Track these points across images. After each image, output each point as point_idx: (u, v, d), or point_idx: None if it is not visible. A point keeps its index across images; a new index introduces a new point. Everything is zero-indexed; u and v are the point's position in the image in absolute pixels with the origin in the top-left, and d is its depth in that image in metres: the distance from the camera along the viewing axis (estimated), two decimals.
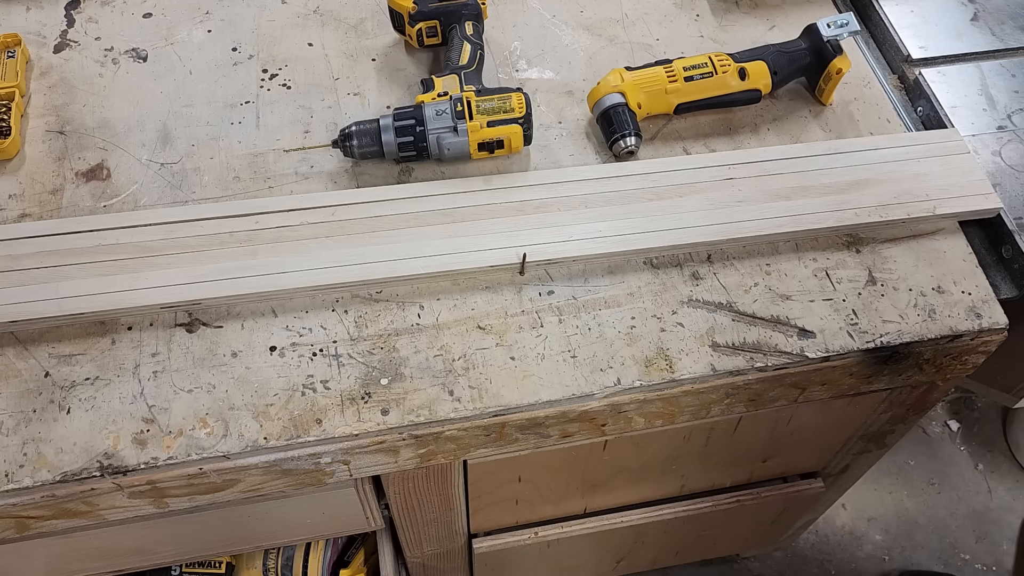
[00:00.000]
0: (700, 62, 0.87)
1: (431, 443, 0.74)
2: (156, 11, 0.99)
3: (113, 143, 0.87)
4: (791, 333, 0.77)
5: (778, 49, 0.90)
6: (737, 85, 0.88)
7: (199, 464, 0.70)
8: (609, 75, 0.87)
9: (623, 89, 0.86)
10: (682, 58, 0.88)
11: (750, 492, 1.14)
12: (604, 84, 0.87)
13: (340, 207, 0.81)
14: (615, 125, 0.85)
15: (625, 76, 0.87)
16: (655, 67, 0.87)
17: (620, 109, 0.85)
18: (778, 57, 0.89)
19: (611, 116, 0.85)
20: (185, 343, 0.75)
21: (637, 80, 0.86)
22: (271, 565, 1.11)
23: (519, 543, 1.11)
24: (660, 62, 0.88)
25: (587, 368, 0.75)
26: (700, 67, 0.87)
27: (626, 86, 0.86)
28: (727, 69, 0.87)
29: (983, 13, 1.01)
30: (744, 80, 0.88)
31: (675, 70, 0.87)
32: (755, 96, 0.90)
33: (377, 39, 0.97)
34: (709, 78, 0.87)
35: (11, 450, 0.69)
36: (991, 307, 0.80)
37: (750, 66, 0.88)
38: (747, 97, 0.89)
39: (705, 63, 0.87)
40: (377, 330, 0.76)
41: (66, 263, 0.76)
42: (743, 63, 0.88)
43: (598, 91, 0.87)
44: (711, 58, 0.88)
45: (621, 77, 0.86)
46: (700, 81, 0.87)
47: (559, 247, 0.79)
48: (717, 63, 0.87)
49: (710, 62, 0.87)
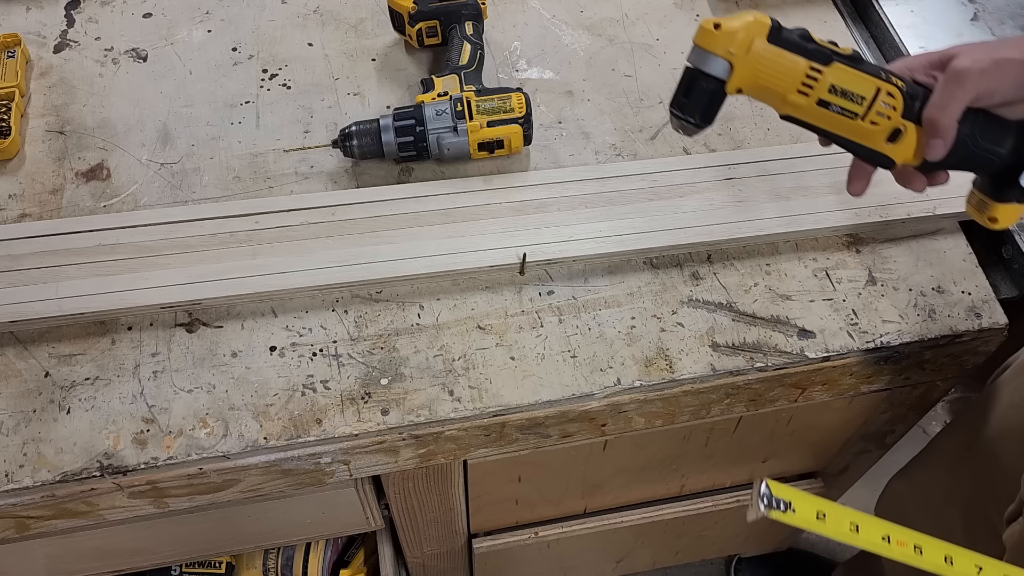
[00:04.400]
0: (860, 91, 0.59)
1: (431, 443, 0.74)
2: (156, 11, 0.99)
3: (113, 143, 0.87)
4: (791, 333, 0.77)
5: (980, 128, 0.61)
6: (876, 144, 0.62)
7: (199, 464, 0.70)
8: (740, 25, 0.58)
9: (738, 60, 0.58)
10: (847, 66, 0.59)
11: (750, 492, 1.14)
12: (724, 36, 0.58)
13: (340, 207, 0.81)
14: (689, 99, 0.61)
15: (756, 44, 0.58)
16: (801, 58, 0.59)
17: (713, 85, 0.59)
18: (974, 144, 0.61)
19: (694, 84, 0.60)
20: (185, 343, 0.75)
21: (764, 62, 0.59)
22: (271, 565, 1.11)
23: (519, 543, 1.11)
24: (815, 53, 0.59)
25: (587, 368, 0.75)
26: (853, 98, 0.60)
27: (745, 59, 0.58)
28: (879, 122, 0.60)
29: (983, 13, 1.01)
30: (889, 143, 0.62)
31: (818, 83, 0.59)
32: (886, 163, 0.64)
33: (377, 39, 0.97)
34: (849, 119, 0.61)
35: (11, 450, 0.69)
36: (991, 307, 0.80)
37: (911, 131, 0.61)
38: (872, 157, 0.63)
39: (863, 97, 0.60)
40: (377, 330, 0.76)
41: (66, 263, 0.76)
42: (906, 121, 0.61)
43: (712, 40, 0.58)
44: (880, 88, 0.60)
45: (751, 42, 0.58)
46: (834, 115, 0.61)
47: (559, 247, 0.79)
48: (878, 106, 0.60)
49: (871, 99, 0.60)
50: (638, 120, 0.91)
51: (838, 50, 0.59)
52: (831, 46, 0.60)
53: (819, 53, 0.59)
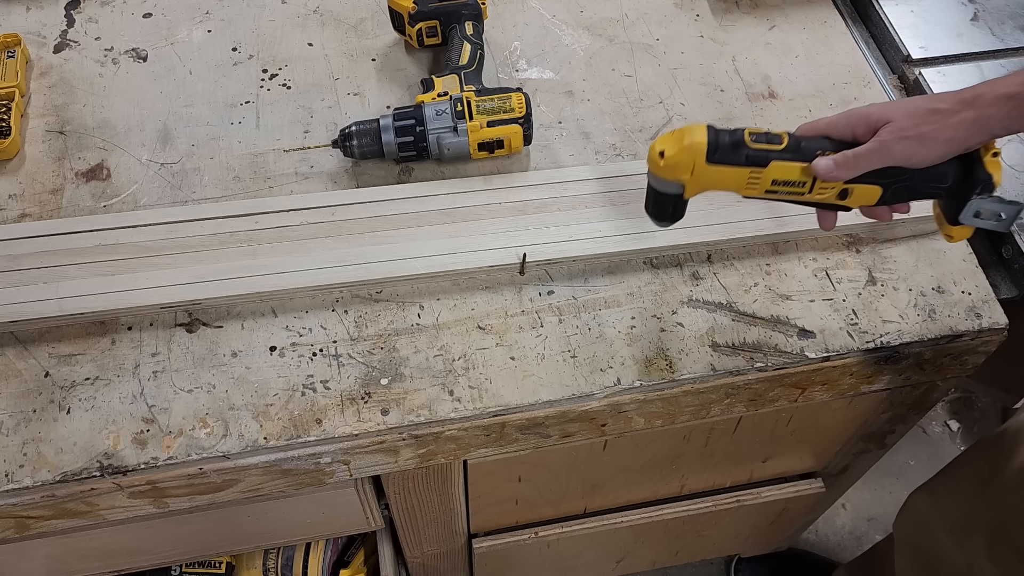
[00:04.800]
0: (800, 178, 0.65)
1: (431, 443, 0.74)
2: (156, 11, 0.99)
3: (113, 143, 0.87)
4: (791, 333, 0.77)
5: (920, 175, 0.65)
6: (829, 201, 0.67)
7: (199, 464, 0.70)
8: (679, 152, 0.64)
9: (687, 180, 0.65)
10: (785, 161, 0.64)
11: (750, 492, 1.14)
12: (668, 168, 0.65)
13: (340, 207, 0.81)
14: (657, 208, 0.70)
15: (698, 165, 0.64)
16: (740, 168, 0.64)
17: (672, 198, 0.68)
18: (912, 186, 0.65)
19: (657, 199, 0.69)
20: (185, 343, 0.75)
21: (709, 177, 0.65)
22: (271, 565, 1.11)
23: (519, 543, 1.11)
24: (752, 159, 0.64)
25: (587, 368, 0.75)
26: (795, 184, 0.65)
27: (692, 179, 0.65)
28: (825, 190, 0.66)
29: (983, 13, 1.01)
30: (841, 199, 0.67)
31: (760, 181, 0.65)
32: (845, 209, 0.69)
33: (377, 39, 0.97)
34: (799, 194, 0.66)
35: (11, 450, 0.69)
36: (991, 307, 0.80)
37: (859, 189, 0.65)
38: (830, 208, 0.69)
39: (804, 181, 0.65)
40: (377, 330, 0.76)
41: (66, 263, 0.76)
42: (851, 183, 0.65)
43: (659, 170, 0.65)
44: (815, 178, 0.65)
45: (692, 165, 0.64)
46: (785, 194, 0.66)
47: (559, 247, 0.79)
48: (819, 183, 0.65)
49: (811, 180, 0.65)
50: (638, 120, 0.91)
51: (773, 147, 0.64)
52: (766, 146, 0.64)
53: (756, 158, 0.64)
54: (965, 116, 0.60)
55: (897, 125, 0.62)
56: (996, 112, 0.59)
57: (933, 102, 0.62)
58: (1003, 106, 0.59)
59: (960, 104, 0.60)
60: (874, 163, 0.63)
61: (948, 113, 0.61)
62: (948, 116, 0.61)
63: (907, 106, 0.63)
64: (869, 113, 0.63)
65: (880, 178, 0.65)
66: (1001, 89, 0.59)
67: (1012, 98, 0.59)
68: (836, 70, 0.96)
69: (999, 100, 0.59)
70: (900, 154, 0.62)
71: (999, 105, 0.59)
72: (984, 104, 0.60)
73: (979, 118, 0.60)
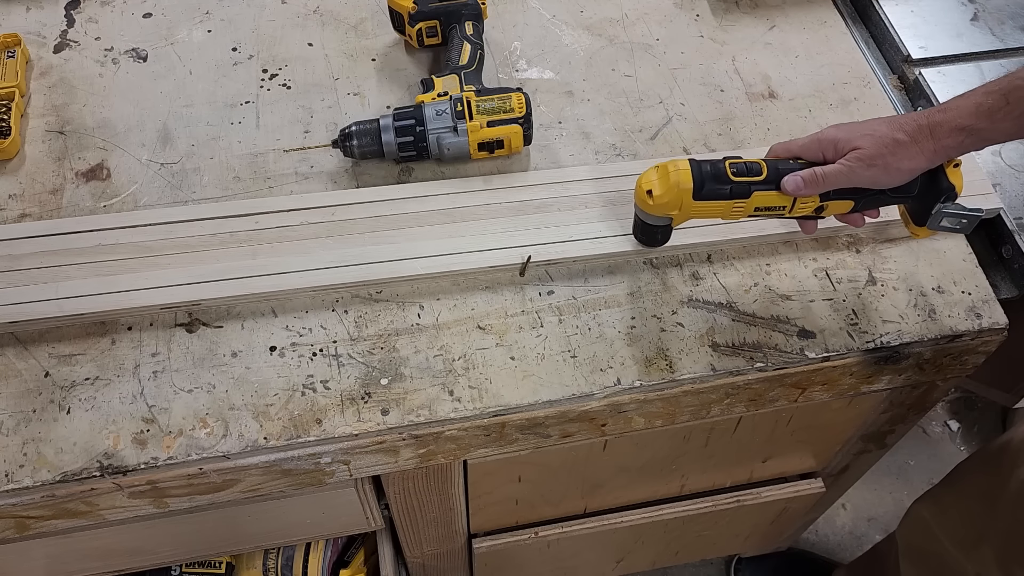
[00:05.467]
0: (780, 203, 0.71)
1: (431, 443, 0.74)
2: (156, 11, 0.99)
3: (113, 143, 0.87)
4: (791, 333, 0.77)
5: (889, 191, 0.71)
6: (807, 214, 0.74)
7: (199, 464, 0.70)
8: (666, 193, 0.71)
9: (675, 215, 0.73)
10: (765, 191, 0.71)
11: (750, 492, 1.14)
12: (657, 207, 0.72)
13: (340, 207, 0.81)
14: (646, 235, 0.78)
15: (685, 203, 0.71)
16: (724, 201, 0.71)
17: (661, 229, 0.76)
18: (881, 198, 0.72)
19: (646, 228, 0.76)
20: (185, 343, 0.75)
21: (696, 211, 0.72)
22: (271, 565, 1.11)
23: (519, 543, 1.11)
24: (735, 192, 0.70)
25: (587, 368, 0.75)
26: (776, 208, 0.72)
27: (680, 214, 0.72)
28: (804, 207, 0.72)
29: (983, 13, 1.01)
30: (818, 213, 0.73)
31: (744, 208, 0.72)
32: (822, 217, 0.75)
33: (377, 39, 0.97)
34: (779, 214, 0.73)
35: (11, 450, 0.69)
36: (991, 307, 0.80)
37: (833, 204, 0.72)
38: (809, 218, 0.75)
39: (784, 204, 0.71)
40: (377, 330, 0.76)
41: (66, 263, 0.76)
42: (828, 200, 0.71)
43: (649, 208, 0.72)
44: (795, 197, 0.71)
45: (680, 203, 0.71)
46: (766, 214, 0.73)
47: (559, 247, 0.79)
48: (798, 203, 0.71)
49: (791, 203, 0.71)
50: (638, 120, 0.91)
51: (754, 179, 0.71)
52: (747, 178, 0.70)
53: (739, 191, 0.71)
54: (925, 146, 0.66)
55: (864, 152, 0.67)
56: (952, 142, 0.66)
57: (896, 131, 0.67)
58: (957, 136, 0.65)
59: (920, 133, 0.66)
60: (840, 183, 0.69)
61: (909, 144, 0.66)
62: (909, 147, 0.66)
63: (873, 134, 0.67)
64: (837, 139, 0.69)
65: (852, 195, 0.71)
66: (956, 121, 0.65)
67: (964, 130, 0.65)
68: (836, 70, 0.96)
69: (954, 132, 0.65)
70: (866, 180, 0.68)
71: (954, 136, 0.65)
72: (942, 135, 0.66)
73: (937, 149, 0.66)
